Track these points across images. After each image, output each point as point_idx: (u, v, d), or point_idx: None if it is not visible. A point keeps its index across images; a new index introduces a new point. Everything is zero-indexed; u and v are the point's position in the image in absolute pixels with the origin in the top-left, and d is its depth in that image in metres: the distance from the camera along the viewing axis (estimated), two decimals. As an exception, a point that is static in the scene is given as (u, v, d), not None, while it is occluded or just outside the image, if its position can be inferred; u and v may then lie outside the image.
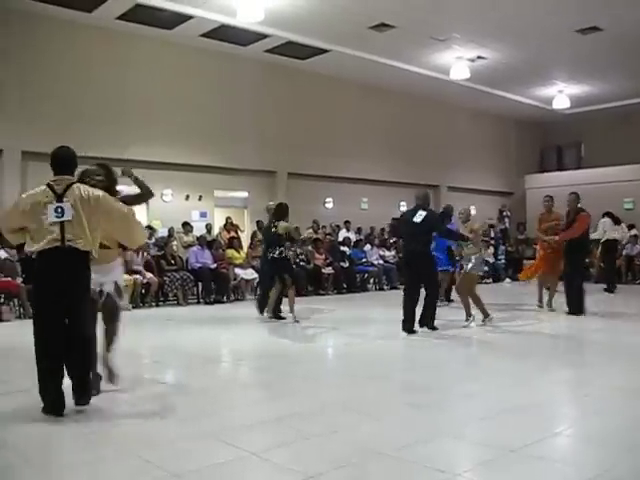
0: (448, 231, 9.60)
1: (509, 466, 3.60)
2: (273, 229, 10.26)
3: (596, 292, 13.50)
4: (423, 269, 8.74)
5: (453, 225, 10.95)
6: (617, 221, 16.11)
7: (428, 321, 8.83)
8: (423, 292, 8.85)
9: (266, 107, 17.83)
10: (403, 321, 8.66)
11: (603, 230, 15.29)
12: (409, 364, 7.00)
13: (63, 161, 5.09)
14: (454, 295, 10.97)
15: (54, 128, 14.05)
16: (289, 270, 10.46)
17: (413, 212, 8.85)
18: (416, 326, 8.72)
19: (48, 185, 4.90)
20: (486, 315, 9.29)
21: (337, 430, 4.30)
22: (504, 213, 24.02)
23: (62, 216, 4.77)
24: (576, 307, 10.19)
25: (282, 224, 10.19)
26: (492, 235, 21.14)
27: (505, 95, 21.76)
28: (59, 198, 4.82)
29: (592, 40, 16.06)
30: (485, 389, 5.51)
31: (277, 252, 10.15)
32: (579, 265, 10.58)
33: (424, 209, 8.77)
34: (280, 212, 10.38)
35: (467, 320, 9.31)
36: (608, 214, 15.82)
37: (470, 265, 9.26)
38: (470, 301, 9.36)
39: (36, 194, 4.91)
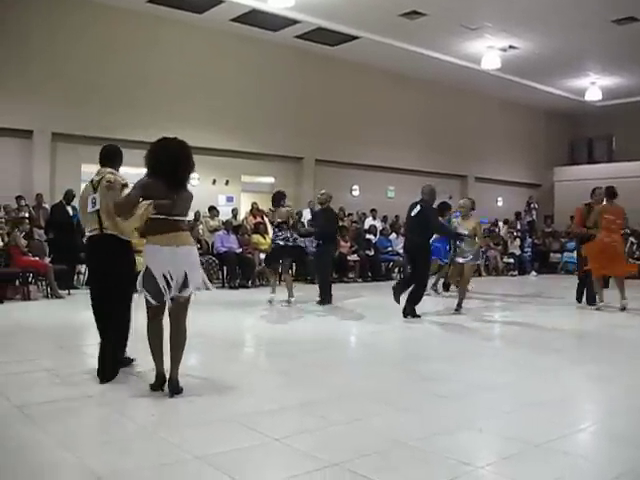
0: (442, 228, 10.00)
1: (532, 461, 3.57)
2: (270, 217, 10.92)
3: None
4: (415, 259, 9.32)
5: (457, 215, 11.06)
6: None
7: (409, 311, 9.10)
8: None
9: (295, 93, 17.81)
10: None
11: None
12: (431, 354, 6.96)
13: (106, 155, 5.61)
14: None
15: (84, 111, 14.18)
16: (291, 255, 10.76)
17: (413, 205, 9.42)
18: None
19: (92, 179, 5.46)
20: (460, 306, 9.76)
21: (360, 418, 4.30)
22: (531, 205, 23.78)
23: (94, 206, 5.30)
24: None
25: (283, 210, 10.49)
26: (518, 227, 20.97)
27: (536, 86, 21.52)
28: (94, 190, 5.36)
29: (628, 31, 15.83)
30: (509, 382, 5.47)
31: (281, 238, 10.42)
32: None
33: (421, 205, 9.25)
34: (278, 199, 10.63)
35: (457, 309, 9.75)
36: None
37: (471, 257, 9.69)
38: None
39: (86, 187, 5.54)
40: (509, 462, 3.54)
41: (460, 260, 9.78)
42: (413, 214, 9.36)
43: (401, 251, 16.88)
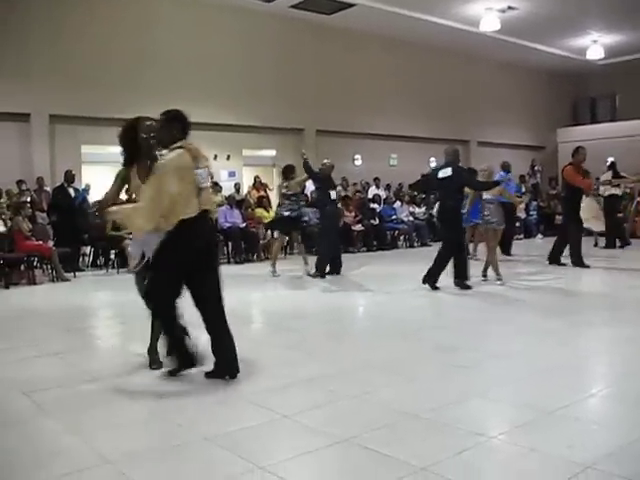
0: (484, 184, 9.09)
1: (546, 428, 3.54)
2: (284, 190, 10.72)
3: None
4: (450, 224, 8.76)
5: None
6: (617, 175, 14.70)
7: (430, 278, 8.70)
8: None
9: (293, 64, 17.62)
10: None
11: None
12: (441, 323, 6.92)
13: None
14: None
15: (81, 92, 14.05)
16: (290, 226, 10.85)
17: (439, 168, 8.92)
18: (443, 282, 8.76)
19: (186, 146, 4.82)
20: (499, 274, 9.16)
21: (369, 391, 4.26)
22: (535, 168, 23.58)
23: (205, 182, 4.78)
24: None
25: (293, 182, 10.66)
26: (523, 190, 20.82)
27: (536, 47, 21.22)
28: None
29: (628, -14, 15.55)
30: (518, 349, 5.42)
31: (287, 209, 10.59)
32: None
33: (452, 167, 8.65)
34: (287, 172, 10.81)
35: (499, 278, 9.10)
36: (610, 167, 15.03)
37: (495, 220, 9.16)
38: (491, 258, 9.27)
39: (181, 154, 4.71)
40: (522, 430, 3.51)
41: (489, 225, 9.17)
42: (442, 177, 8.72)
43: (406, 218, 16.86)
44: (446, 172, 8.67)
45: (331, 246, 10.74)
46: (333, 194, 10.85)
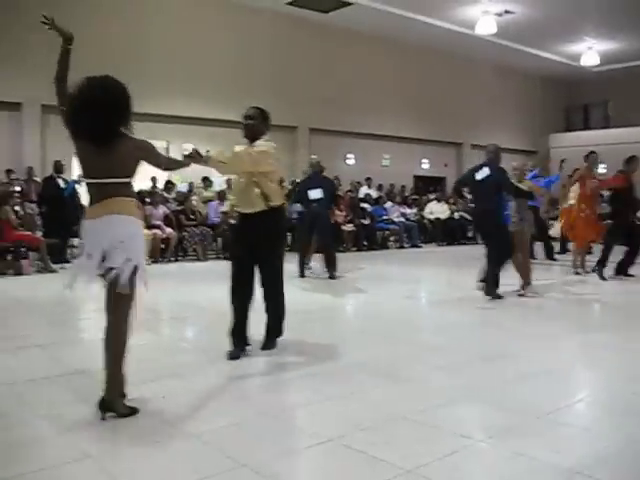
0: (517, 191, 8.24)
1: (533, 433, 3.50)
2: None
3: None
4: (487, 229, 8.04)
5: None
6: None
7: (488, 288, 7.93)
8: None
9: (288, 61, 17.59)
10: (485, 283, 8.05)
11: None
12: (432, 325, 6.89)
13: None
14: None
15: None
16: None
17: (478, 168, 8.08)
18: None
19: None
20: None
21: (356, 392, 4.22)
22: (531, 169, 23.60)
23: None
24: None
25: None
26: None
27: (532, 51, 21.28)
28: None
29: (625, -7, 15.59)
30: (510, 352, 5.39)
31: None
32: None
33: (490, 167, 7.93)
34: None
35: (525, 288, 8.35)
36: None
37: (520, 220, 8.36)
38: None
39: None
40: (509, 435, 3.47)
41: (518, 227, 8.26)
42: (479, 178, 7.92)
43: (397, 219, 16.85)
44: (484, 172, 7.92)
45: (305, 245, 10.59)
46: (312, 194, 10.25)
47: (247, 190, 5.04)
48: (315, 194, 10.25)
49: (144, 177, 13.48)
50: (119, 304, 3.67)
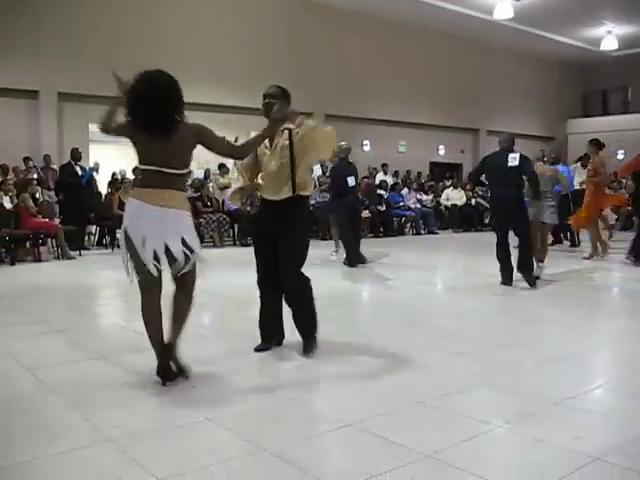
0: (537, 183, 8.23)
1: (552, 419, 3.49)
2: None
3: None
4: (516, 217, 7.93)
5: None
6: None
7: (525, 271, 7.86)
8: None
9: (303, 47, 17.52)
10: (501, 273, 8.04)
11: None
12: (449, 311, 6.87)
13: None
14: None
15: (90, 70, 13.96)
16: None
17: (503, 155, 7.98)
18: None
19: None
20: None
21: (375, 377, 4.23)
22: (545, 159, 23.42)
23: None
24: None
25: None
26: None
27: (550, 36, 21.05)
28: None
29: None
30: (528, 338, 5.37)
31: None
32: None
33: (520, 154, 7.90)
34: None
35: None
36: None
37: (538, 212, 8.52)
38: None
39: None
40: (528, 421, 3.46)
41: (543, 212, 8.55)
42: (512, 165, 7.82)
43: (413, 205, 16.80)
44: (514, 159, 7.84)
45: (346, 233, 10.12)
46: (350, 181, 9.96)
47: (279, 174, 4.64)
48: (352, 181, 9.96)
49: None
50: (188, 286, 4.14)
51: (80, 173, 12.52)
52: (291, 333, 4.89)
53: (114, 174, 14.40)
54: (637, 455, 3.02)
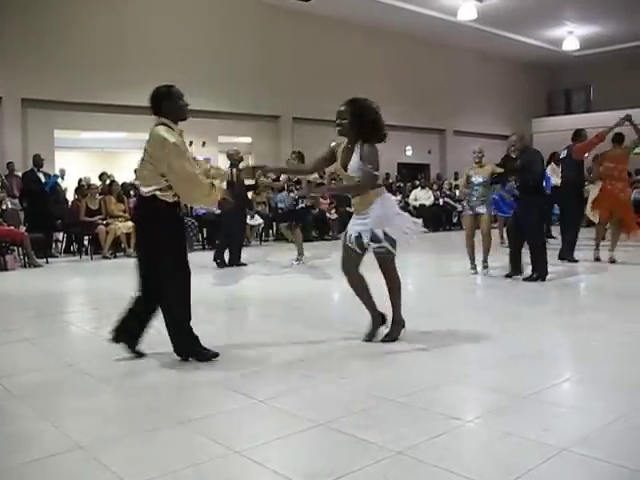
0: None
1: (521, 413, 3.54)
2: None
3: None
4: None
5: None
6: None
7: (539, 268, 8.08)
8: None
9: (269, 51, 17.53)
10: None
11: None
12: (418, 309, 6.91)
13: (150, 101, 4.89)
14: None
15: (55, 75, 13.84)
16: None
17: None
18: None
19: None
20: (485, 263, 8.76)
21: (345, 376, 4.25)
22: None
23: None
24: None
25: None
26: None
27: (513, 37, 21.31)
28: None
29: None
30: (496, 334, 5.42)
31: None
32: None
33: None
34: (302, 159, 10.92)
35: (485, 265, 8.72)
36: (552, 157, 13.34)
37: (483, 205, 8.62)
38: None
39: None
40: (498, 415, 3.51)
41: (476, 211, 8.60)
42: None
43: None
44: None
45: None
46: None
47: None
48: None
49: (128, 170, 13.41)
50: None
51: (44, 180, 12.35)
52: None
53: (80, 180, 14.24)
54: (602, 445, 3.07)
